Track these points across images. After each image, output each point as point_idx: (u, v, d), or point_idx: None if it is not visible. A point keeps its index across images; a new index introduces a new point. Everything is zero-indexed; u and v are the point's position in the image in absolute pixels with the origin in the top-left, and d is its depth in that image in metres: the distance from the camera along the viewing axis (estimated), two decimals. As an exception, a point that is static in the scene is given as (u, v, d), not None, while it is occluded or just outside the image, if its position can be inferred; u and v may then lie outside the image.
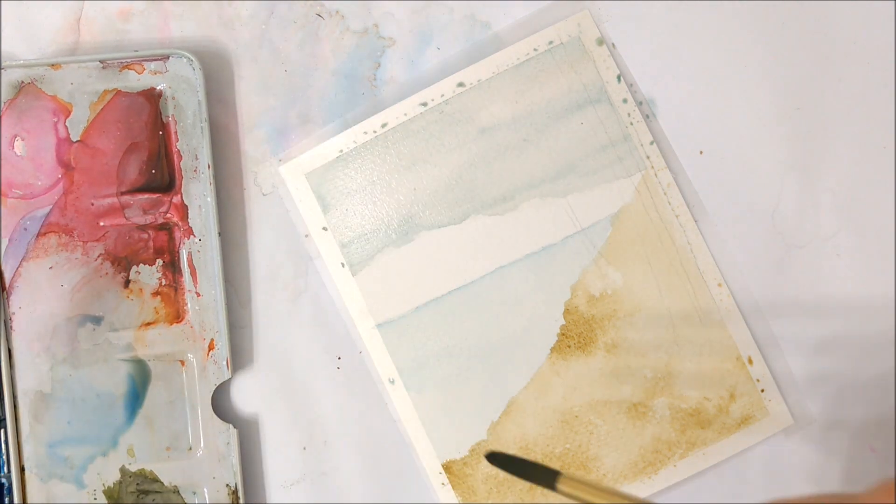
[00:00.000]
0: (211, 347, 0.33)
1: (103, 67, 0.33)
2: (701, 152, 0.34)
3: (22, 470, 0.33)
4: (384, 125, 0.34)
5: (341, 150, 0.34)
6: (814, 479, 0.34)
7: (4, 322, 0.33)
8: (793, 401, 0.34)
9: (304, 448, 0.35)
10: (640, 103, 0.34)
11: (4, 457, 0.33)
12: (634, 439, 0.34)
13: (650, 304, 0.34)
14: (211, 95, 0.34)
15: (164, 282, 0.34)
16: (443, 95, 0.34)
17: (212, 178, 0.33)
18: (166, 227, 0.34)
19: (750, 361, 0.34)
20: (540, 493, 0.34)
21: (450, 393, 0.34)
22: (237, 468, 0.33)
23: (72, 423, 0.33)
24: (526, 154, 0.34)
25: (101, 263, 0.33)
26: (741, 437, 0.34)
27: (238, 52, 0.35)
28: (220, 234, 0.33)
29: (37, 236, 0.33)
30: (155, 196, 0.33)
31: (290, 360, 0.35)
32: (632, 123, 0.34)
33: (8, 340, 0.33)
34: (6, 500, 0.33)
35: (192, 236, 0.33)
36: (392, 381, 0.34)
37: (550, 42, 0.34)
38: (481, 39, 0.34)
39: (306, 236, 0.34)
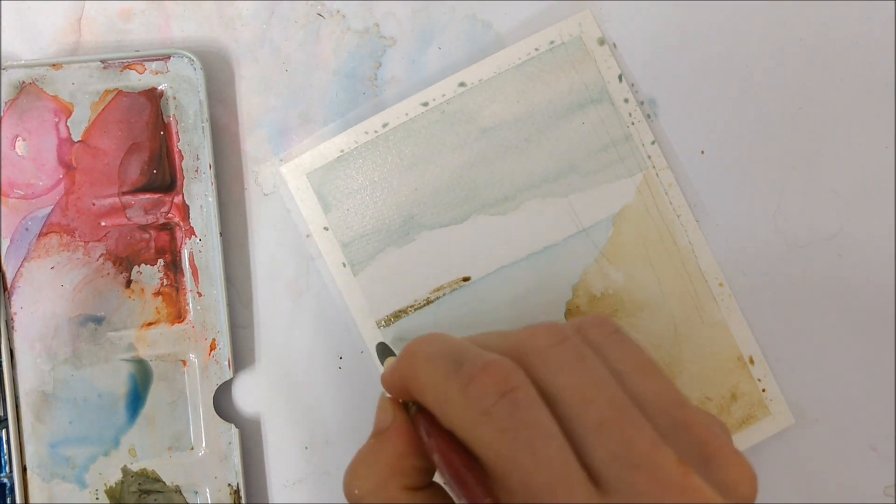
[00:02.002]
0: (212, 347, 0.33)
1: (104, 67, 0.33)
2: (702, 152, 0.34)
3: (24, 470, 0.33)
4: (385, 125, 0.34)
5: (342, 150, 0.34)
6: (814, 479, 0.34)
7: (6, 322, 0.33)
8: (794, 400, 0.34)
9: (306, 447, 0.35)
10: (642, 103, 0.34)
11: (6, 457, 0.33)
12: (636, 439, 0.34)
13: (652, 303, 0.34)
14: (212, 95, 0.34)
15: (165, 282, 0.34)
16: (444, 95, 0.34)
17: (213, 178, 0.33)
18: (168, 227, 0.34)
19: (751, 361, 0.34)
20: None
21: (451, 393, 0.34)
22: (239, 468, 0.33)
23: (73, 423, 0.33)
24: (527, 154, 0.34)
25: (103, 263, 0.33)
26: (742, 437, 0.34)
27: (239, 51, 0.35)
28: (221, 234, 0.33)
29: (38, 236, 0.33)
30: (156, 196, 0.33)
31: (291, 360, 0.35)
32: (633, 123, 0.34)
33: (10, 340, 0.33)
34: (8, 500, 0.33)
35: (193, 236, 0.33)
36: (393, 381, 0.34)
37: (552, 42, 0.34)
38: (483, 39, 0.34)
39: (307, 236, 0.34)
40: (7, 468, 0.33)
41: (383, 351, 0.33)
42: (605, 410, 0.20)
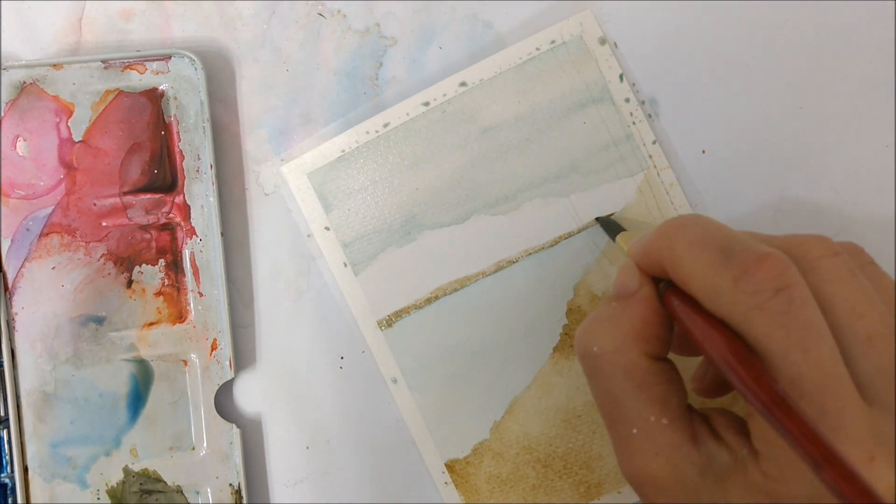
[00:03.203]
0: (214, 347, 0.33)
1: (105, 67, 0.33)
2: (703, 151, 0.34)
3: (25, 470, 0.33)
4: (386, 125, 0.34)
5: (343, 150, 0.34)
6: (816, 478, 0.34)
7: (7, 322, 0.33)
8: (795, 400, 0.34)
9: (307, 447, 0.35)
10: (643, 102, 0.34)
11: (7, 457, 0.33)
12: (637, 438, 0.34)
13: (652, 303, 0.34)
14: (213, 95, 0.34)
15: (166, 282, 0.34)
16: (445, 95, 0.34)
17: (214, 178, 0.33)
18: (169, 227, 0.34)
19: (752, 360, 0.34)
20: (543, 492, 0.34)
21: (452, 392, 0.34)
22: (240, 468, 0.33)
23: (75, 423, 0.33)
24: (528, 153, 0.34)
25: (104, 264, 0.33)
26: (744, 436, 0.34)
27: (240, 51, 0.35)
28: (222, 234, 0.33)
29: (39, 237, 0.33)
30: (157, 196, 0.33)
31: (292, 360, 0.35)
32: (634, 123, 0.34)
33: (11, 341, 0.33)
34: (9, 500, 0.33)
35: (194, 236, 0.33)
36: (395, 381, 0.34)
37: (552, 41, 0.34)
38: (483, 39, 0.34)
39: (308, 236, 0.34)
40: (8, 468, 0.33)
41: (609, 225, 0.33)
42: (877, 325, 0.20)
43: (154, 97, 0.33)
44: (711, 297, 0.21)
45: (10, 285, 0.33)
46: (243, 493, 0.33)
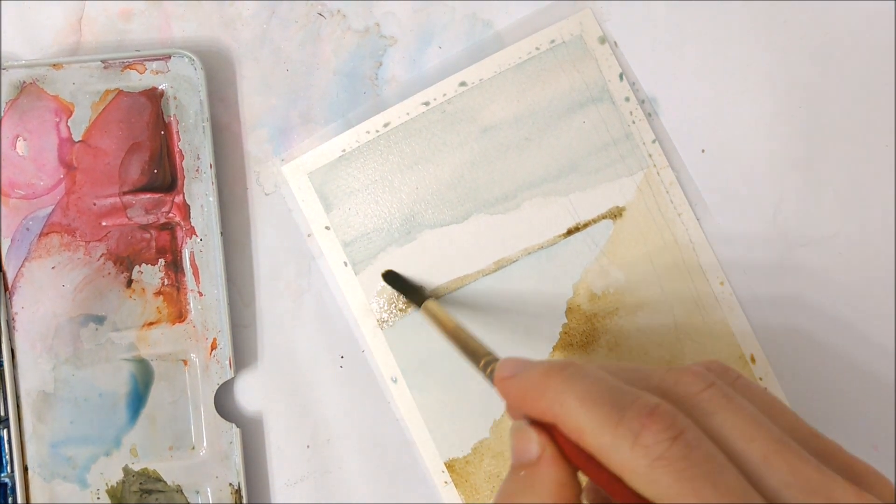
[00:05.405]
0: (213, 347, 0.33)
1: (105, 67, 0.33)
2: (703, 150, 0.34)
3: (25, 470, 0.33)
4: (386, 124, 0.34)
5: (343, 150, 0.34)
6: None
7: (7, 322, 0.33)
8: (795, 399, 0.34)
9: (308, 447, 0.35)
10: (642, 102, 0.34)
11: (7, 457, 0.33)
12: (637, 438, 0.34)
13: (652, 302, 0.34)
14: (213, 95, 0.34)
15: (166, 281, 0.34)
16: (445, 95, 0.34)
17: (214, 177, 0.33)
18: (168, 227, 0.34)
19: (752, 359, 0.34)
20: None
21: (452, 392, 0.34)
22: (240, 467, 0.33)
23: (74, 422, 0.33)
24: (528, 153, 0.34)
25: (104, 263, 0.33)
26: (744, 435, 0.34)
27: (239, 51, 0.35)
28: (222, 233, 0.33)
29: (39, 236, 0.33)
30: (157, 196, 0.33)
31: (292, 359, 0.35)
32: (634, 122, 0.34)
33: (11, 340, 0.33)
34: (9, 500, 0.33)
35: (194, 236, 0.33)
36: (394, 380, 0.34)
37: (552, 41, 0.34)
38: (483, 38, 0.34)
39: (309, 235, 0.34)
40: (8, 468, 0.33)
41: (402, 285, 0.33)
42: (768, 444, 0.22)
43: (154, 97, 0.33)
44: (609, 453, 0.22)
45: (9, 285, 0.33)
46: (243, 492, 0.33)
